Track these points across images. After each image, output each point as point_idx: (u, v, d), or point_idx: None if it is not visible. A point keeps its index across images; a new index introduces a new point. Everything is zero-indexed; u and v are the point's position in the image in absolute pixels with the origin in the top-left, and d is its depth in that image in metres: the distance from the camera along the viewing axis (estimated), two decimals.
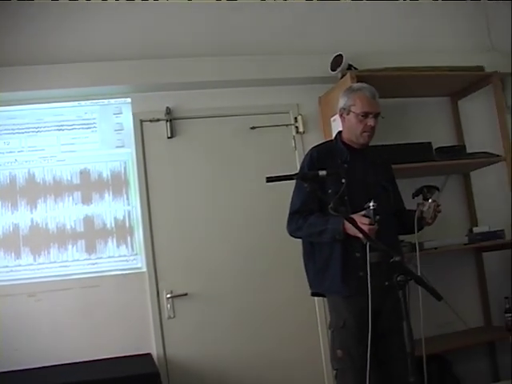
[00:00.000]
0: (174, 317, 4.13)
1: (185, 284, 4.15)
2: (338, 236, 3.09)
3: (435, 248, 4.28)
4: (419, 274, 3.01)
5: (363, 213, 2.98)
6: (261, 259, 4.29)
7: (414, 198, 3.29)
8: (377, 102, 3.33)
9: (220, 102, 4.39)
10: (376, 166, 3.44)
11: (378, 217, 2.94)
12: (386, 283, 3.10)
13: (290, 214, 3.30)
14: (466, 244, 4.50)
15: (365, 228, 2.91)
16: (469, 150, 4.67)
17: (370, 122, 3.29)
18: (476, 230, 4.61)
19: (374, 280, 3.08)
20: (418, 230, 3.28)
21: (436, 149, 4.47)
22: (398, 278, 2.45)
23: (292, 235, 3.32)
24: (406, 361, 2.98)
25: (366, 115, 3.29)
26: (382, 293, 3.13)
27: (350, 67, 4.33)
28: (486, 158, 4.60)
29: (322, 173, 2.84)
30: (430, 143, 4.43)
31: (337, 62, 4.34)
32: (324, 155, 3.32)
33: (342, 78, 4.27)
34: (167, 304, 4.12)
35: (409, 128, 4.78)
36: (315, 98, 4.53)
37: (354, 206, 3.14)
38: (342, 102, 3.38)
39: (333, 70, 4.37)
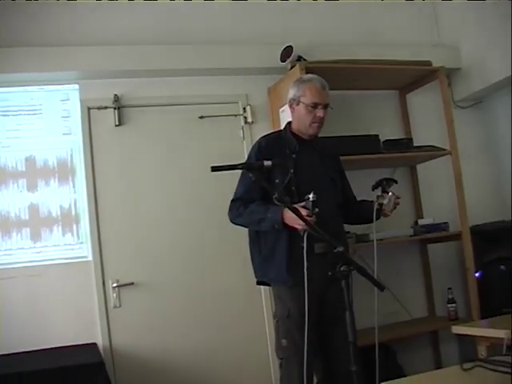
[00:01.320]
0: (120, 306, 4.09)
1: (131, 273, 4.12)
2: (277, 226, 3.10)
3: (381, 239, 4.32)
4: (375, 265, 3.07)
5: (302, 204, 2.99)
6: (208, 248, 4.28)
7: (373, 190, 3.30)
8: (326, 93, 3.36)
9: (169, 90, 4.36)
10: (324, 157, 3.46)
11: (316, 209, 2.94)
12: (330, 273, 3.15)
13: (232, 201, 3.32)
14: (411, 236, 4.59)
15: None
16: (416, 144, 4.74)
17: (320, 113, 3.31)
18: (421, 222, 4.70)
19: (319, 270, 3.13)
20: (376, 220, 3.29)
21: (384, 141, 4.52)
22: (341, 268, 2.47)
23: (233, 222, 3.33)
24: (349, 350, 3.06)
25: (315, 106, 3.30)
26: (326, 283, 3.19)
27: (299, 58, 4.33)
28: (433, 152, 4.68)
29: (268, 163, 2.84)
30: (377, 136, 4.48)
31: (286, 52, 4.35)
32: (272, 145, 3.33)
33: (291, 69, 4.28)
34: (113, 293, 4.08)
35: (357, 120, 4.84)
36: (264, 88, 4.54)
37: (302, 196, 3.14)
38: (291, 92, 3.39)
39: (282, 60, 4.38)
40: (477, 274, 4.62)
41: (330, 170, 3.44)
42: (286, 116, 4.38)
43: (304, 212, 2.93)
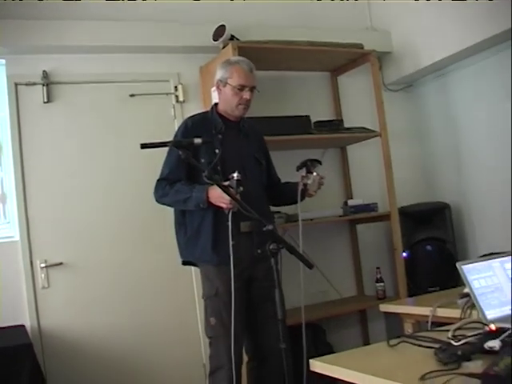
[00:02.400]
0: (49, 287, 4.01)
1: (60, 253, 4.03)
2: (202, 205, 3.10)
3: (311, 219, 4.37)
4: (300, 243, 3.09)
5: (227, 183, 2.98)
6: (137, 227, 4.23)
7: (298, 170, 3.32)
8: (253, 76, 3.35)
9: (99, 67, 4.26)
10: (250, 139, 3.48)
11: (241, 188, 2.94)
12: (259, 251, 3.18)
13: (158, 181, 3.29)
14: (340, 216, 4.64)
15: (226, 198, 2.95)
16: (346, 125, 4.80)
17: (246, 95, 3.31)
18: (350, 202, 4.76)
19: (245, 249, 3.17)
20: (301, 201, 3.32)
21: (315, 122, 4.55)
22: (271, 247, 2.49)
23: (158, 201, 3.31)
24: (278, 327, 3.10)
25: (242, 88, 3.30)
26: (253, 261, 3.23)
27: (232, 38, 4.31)
28: (363, 133, 4.75)
29: (197, 141, 2.84)
30: (308, 116, 4.50)
31: (219, 32, 4.32)
32: (199, 125, 3.32)
33: (223, 48, 4.25)
34: (41, 274, 3.99)
35: (289, 101, 4.85)
36: (196, 67, 4.50)
37: (227, 176, 3.13)
38: (219, 74, 3.38)
39: (215, 39, 4.34)
40: (404, 254, 4.73)
41: (255, 151, 3.47)
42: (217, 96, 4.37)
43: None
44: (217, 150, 3.22)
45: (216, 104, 3.47)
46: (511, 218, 4.03)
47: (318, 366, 2.27)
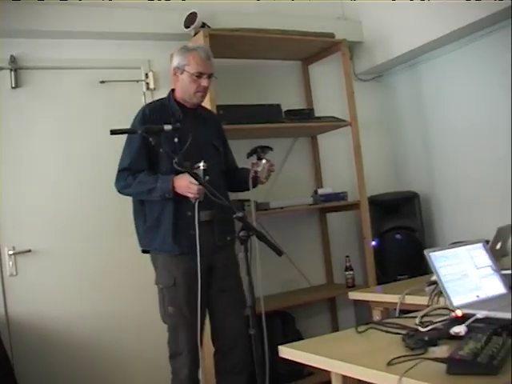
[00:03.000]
0: (17, 274, 3.96)
1: (28, 240, 3.98)
2: (168, 195, 3.08)
3: (281, 208, 4.39)
4: (254, 223, 3.10)
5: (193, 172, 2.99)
6: (107, 215, 4.18)
7: (248, 157, 3.30)
8: (211, 63, 3.32)
9: (69, 53, 4.20)
10: (207, 126, 3.45)
11: (207, 177, 2.95)
12: (219, 241, 3.22)
13: (119, 172, 3.25)
14: (310, 204, 4.65)
15: (193, 188, 2.96)
16: (317, 114, 4.82)
17: (204, 82, 3.27)
18: (321, 191, 4.76)
19: (207, 238, 3.17)
20: (253, 187, 3.29)
21: (285, 111, 4.56)
22: (241, 234, 2.49)
23: (121, 192, 3.27)
24: (240, 315, 3.15)
25: (199, 75, 3.26)
26: (214, 251, 3.24)
27: (203, 25, 4.29)
28: (333, 122, 4.76)
29: (167, 127, 2.83)
30: (279, 105, 4.51)
31: (191, 19, 4.29)
32: (156, 113, 3.27)
33: (195, 35, 4.23)
34: (9, 261, 3.94)
35: (260, 89, 4.85)
36: (167, 54, 4.43)
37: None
38: (176, 61, 3.32)
39: (186, 27, 4.31)
40: (373, 243, 4.77)
41: (213, 138, 3.44)
42: None
43: (195, 181, 2.93)
44: (176, 140, 3.18)
45: (172, 90, 3.42)
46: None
47: (286, 352, 2.29)
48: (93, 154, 4.20)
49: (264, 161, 3.27)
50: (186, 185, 2.99)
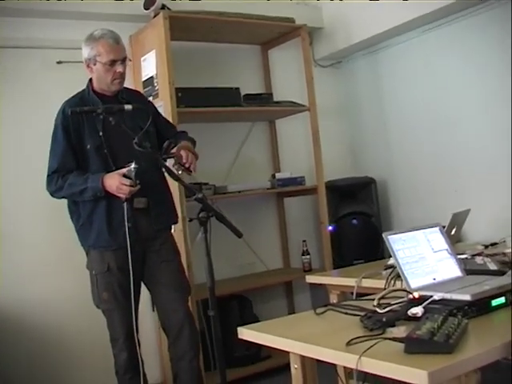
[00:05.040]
0: None
1: None
2: (99, 193, 3.04)
3: (238, 191, 4.39)
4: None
5: (124, 171, 2.96)
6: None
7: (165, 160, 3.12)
8: (121, 47, 3.20)
9: (24, 32, 4.08)
10: (133, 109, 3.17)
11: (138, 181, 2.94)
12: (156, 225, 3.21)
13: (49, 176, 3.17)
14: (268, 189, 4.66)
15: (125, 189, 2.94)
16: (276, 99, 4.82)
17: (119, 68, 3.16)
18: (278, 175, 4.78)
19: (144, 225, 3.18)
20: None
21: (244, 95, 4.55)
22: (200, 215, 2.49)
23: (54, 196, 3.21)
24: (183, 300, 3.25)
25: (113, 63, 3.14)
26: (151, 237, 3.23)
27: (163, 7, 4.24)
28: (292, 107, 4.78)
29: (128, 107, 2.82)
30: (238, 89, 4.49)
31: (150, 0, 4.24)
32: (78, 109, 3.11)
33: (154, 17, 4.18)
34: None
35: (219, 73, 4.83)
36: (126, 36, 4.36)
37: (115, 157, 3.12)
38: (85, 52, 3.19)
39: (146, 8, 4.25)
40: (330, 228, 4.80)
41: (140, 120, 3.20)
42: (147, 65, 4.31)
43: (127, 182, 2.92)
44: (100, 133, 3.11)
45: (90, 81, 3.29)
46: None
47: (246, 333, 2.29)
48: (49, 136, 4.11)
49: (172, 161, 3.14)
50: (116, 185, 2.96)
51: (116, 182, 2.96)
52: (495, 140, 4.28)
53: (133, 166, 2.92)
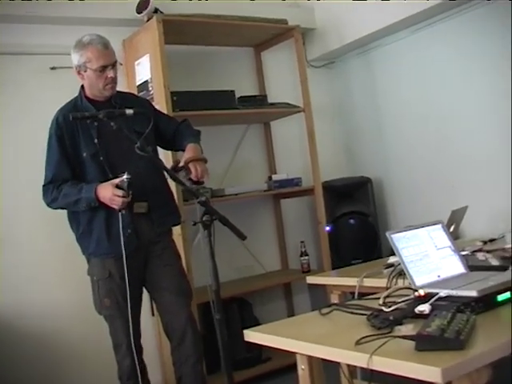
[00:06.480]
0: None
1: None
2: (93, 203, 3.03)
3: (235, 194, 4.39)
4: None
5: (117, 182, 2.94)
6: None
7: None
8: (111, 51, 3.17)
9: (17, 38, 4.06)
10: (134, 114, 3.13)
11: (130, 192, 2.93)
12: (158, 228, 3.22)
13: (44, 186, 3.16)
14: (265, 191, 4.67)
15: (118, 201, 2.93)
16: (270, 101, 4.81)
17: (110, 73, 3.14)
18: (275, 177, 4.79)
19: (146, 230, 3.19)
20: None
21: (239, 98, 4.54)
22: (204, 218, 2.48)
23: (50, 207, 3.19)
24: (185, 305, 3.25)
25: (103, 69, 3.12)
26: (152, 241, 3.23)
27: (156, 11, 4.23)
28: (286, 109, 4.78)
29: (129, 111, 2.82)
30: (233, 91, 4.48)
31: (143, 4, 4.23)
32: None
33: (147, 21, 4.18)
34: None
35: (213, 76, 4.83)
36: (119, 41, 4.36)
37: (112, 164, 3.11)
38: (75, 59, 3.17)
39: (139, 12, 4.25)
40: (327, 228, 4.80)
41: (135, 123, 3.16)
42: (141, 69, 4.30)
43: (119, 193, 2.91)
44: (95, 140, 3.11)
45: (82, 88, 3.27)
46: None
47: (252, 336, 2.28)
48: (44, 142, 4.10)
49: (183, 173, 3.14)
50: (109, 197, 2.95)
51: (109, 193, 2.95)
52: (490, 136, 4.29)
53: (125, 176, 2.91)
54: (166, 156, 3.83)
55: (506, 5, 3.96)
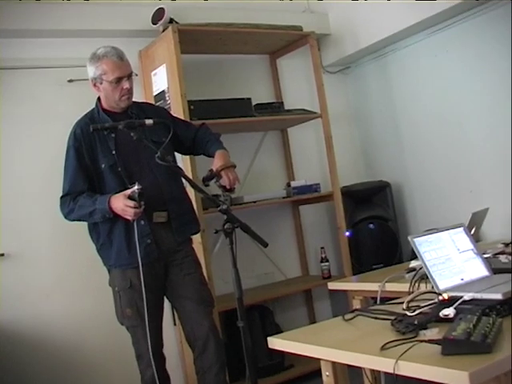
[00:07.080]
0: None
1: (1, 244, 3.91)
2: (108, 215, 3.03)
3: (254, 202, 4.39)
4: None
5: (129, 192, 2.94)
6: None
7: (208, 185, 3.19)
8: (126, 63, 3.18)
9: (35, 52, 4.12)
10: (154, 124, 3.13)
11: (143, 203, 2.91)
12: (179, 237, 3.21)
13: (61, 198, 3.18)
14: (283, 197, 4.66)
15: (129, 211, 2.92)
16: (287, 107, 4.83)
17: (126, 84, 3.15)
18: (293, 183, 4.77)
19: (166, 240, 3.18)
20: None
21: (255, 105, 4.56)
22: (225, 226, 2.49)
23: (67, 218, 3.21)
24: (207, 313, 3.23)
25: (119, 80, 3.13)
26: (170, 249, 3.22)
27: (171, 21, 4.26)
28: (303, 115, 4.78)
29: (149, 121, 2.82)
30: (249, 99, 4.50)
31: (158, 15, 4.26)
32: (87, 129, 3.11)
33: (163, 31, 4.20)
34: None
35: (229, 84, 4.85)
36: (135, 51, 4.40)
37: (130, 174, 3.11)
38: (90, 71, 3.18)
39: (154, 23, 4.27)
40: (347, 233, 4.79)
41: (154, 134, 3.20)
42: (158, 79, 4.32)
43: (131, 203, 2.90)
44: (113, 152, 3.12)
45: (99, 100, 3.28)
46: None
47: (277, 343, 2.27)
48: (62, 154, 4.13)
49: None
50: (121, 208, 2.95)
51: (120, 204, 2.94)
52: (508, 139, 4.25)
53: (136, 187, 2.90)
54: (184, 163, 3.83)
55: None
